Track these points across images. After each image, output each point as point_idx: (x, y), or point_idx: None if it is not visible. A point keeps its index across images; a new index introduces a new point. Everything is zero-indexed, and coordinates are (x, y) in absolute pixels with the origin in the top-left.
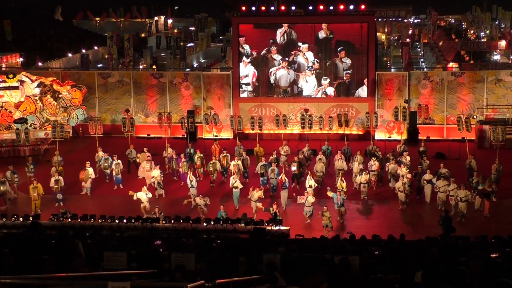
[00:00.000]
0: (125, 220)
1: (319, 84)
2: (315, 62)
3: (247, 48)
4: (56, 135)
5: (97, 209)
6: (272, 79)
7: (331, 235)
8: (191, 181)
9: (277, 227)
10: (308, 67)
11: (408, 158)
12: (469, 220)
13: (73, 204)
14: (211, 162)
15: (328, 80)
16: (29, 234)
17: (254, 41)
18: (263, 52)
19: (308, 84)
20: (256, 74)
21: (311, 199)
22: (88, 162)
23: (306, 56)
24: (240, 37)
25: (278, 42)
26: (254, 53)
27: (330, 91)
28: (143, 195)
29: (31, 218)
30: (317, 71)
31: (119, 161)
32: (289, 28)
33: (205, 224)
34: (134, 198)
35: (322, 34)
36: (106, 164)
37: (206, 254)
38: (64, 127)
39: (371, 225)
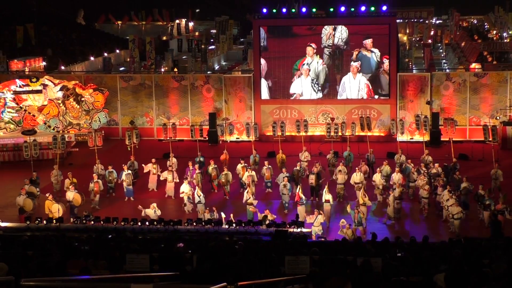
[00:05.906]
0: (147, 223)
1: None
2: None
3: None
4: (58, 146)
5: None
6: None
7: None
8: (199, 197)
9: (299, 229)
10: None
11: (439, 169)
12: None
13: (86, 208)
14: (223, 173)
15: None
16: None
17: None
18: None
19: None
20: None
21: (320, 218)
22: (96, 174)
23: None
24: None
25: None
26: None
27: None
28: (152, 212)
29: (54, 221)
30: None
31: (129, 171)
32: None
33: (227, 226)
34: (142, 214)
35: None
36: (110, 178)
37: (228, 256)
38: (66, 138)
39: (392, 227)
